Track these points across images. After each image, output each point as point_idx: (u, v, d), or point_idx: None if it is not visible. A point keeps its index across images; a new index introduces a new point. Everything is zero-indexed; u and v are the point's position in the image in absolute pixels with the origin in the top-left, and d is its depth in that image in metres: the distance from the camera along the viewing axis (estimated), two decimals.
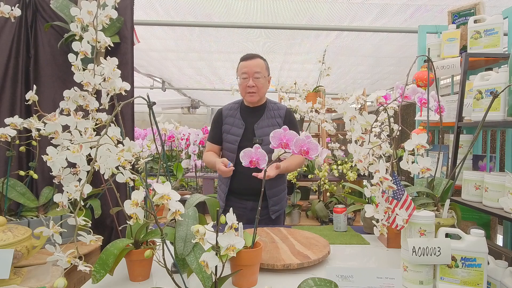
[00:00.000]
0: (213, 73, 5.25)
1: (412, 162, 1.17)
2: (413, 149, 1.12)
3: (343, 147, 3.16)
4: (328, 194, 2.82)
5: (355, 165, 1.26)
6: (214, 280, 0.97)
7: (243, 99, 2.01)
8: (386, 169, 1.08)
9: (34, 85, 1.41)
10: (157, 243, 1.23)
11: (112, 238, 1.87)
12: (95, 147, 0.91)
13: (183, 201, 1.05)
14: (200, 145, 3.69)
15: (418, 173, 1.16)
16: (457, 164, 1.47)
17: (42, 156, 1.12)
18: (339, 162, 2.84)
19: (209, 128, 4.44)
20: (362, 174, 2.76)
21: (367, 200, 1.82)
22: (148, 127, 4.97)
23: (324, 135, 3.15)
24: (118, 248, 1.12)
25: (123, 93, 1.33)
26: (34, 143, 1.38)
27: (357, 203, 1.91)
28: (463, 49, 1.84)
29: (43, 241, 1.19)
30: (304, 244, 1.44)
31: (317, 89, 3.16)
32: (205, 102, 9.07)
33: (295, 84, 3.14)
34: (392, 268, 1.09)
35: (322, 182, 2.66)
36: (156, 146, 1.23)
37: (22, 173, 1.43)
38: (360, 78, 5.33)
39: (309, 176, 2.72)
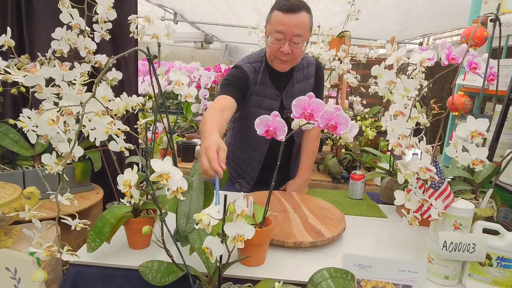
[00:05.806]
0: (229, 7, 4.84)
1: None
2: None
3: (364, 101, 2.95)
4: (343, 150, 2.69)
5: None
6: (218, 265, 0.87)
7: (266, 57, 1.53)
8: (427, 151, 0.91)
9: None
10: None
11: (114, 195, 1.78)
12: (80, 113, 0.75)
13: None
14: (213, 84, 3.48)
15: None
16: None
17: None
18: (358, 117, 2.65)
19: (222, 66, 4.06)
20: (381, 131, 2.60)
21: (389, 170, 1.67)
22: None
23: (345, 86, 2.91)
24: (115, 216, 1.02)
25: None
26: (22, 89, 1.22)
27: (375, 171, 1.78)
28: None
29: (34, 201, 1.09)
30: (318, 216, 1.33)
31: (342, 34, 2.85)
32: (219, 37, 8.60)
33: (318, 27, 2.82)
34: (417, 262, 0.98)
35: (338, 137, 2.50)
36: (155, 94, 1.06)
37: (11, 121, 1.26)
38: (389, 23, 4.87)
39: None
